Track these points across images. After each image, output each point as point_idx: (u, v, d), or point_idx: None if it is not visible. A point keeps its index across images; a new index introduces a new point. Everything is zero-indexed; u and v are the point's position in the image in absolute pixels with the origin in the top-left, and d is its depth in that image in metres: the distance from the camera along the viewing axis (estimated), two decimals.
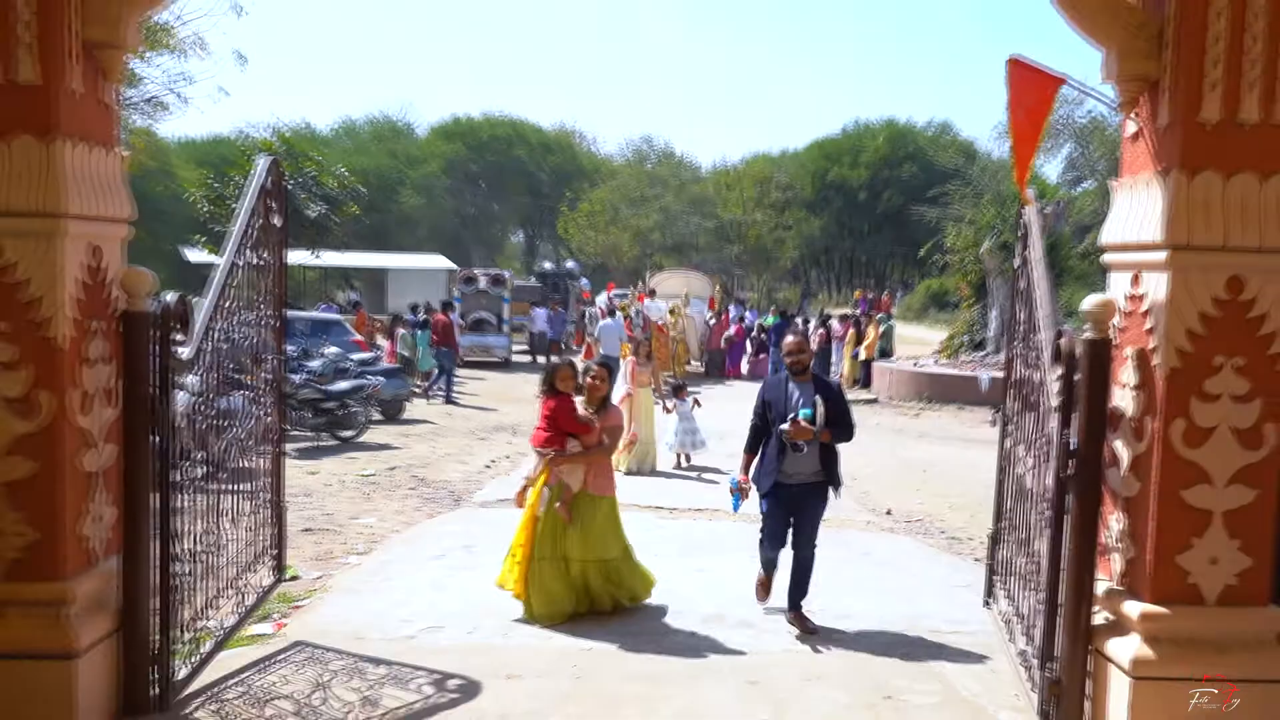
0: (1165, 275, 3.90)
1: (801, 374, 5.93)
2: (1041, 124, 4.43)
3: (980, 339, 21.57)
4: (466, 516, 8.83)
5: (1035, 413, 4.64)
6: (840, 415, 5.83)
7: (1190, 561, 3.94)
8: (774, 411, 5.86)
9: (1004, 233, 19.56)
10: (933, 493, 10.50)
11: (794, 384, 5.92)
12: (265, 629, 5.63)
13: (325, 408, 12.50)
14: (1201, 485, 3.91)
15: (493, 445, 12.99)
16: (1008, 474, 5.49)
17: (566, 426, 5.96)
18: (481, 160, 55.93)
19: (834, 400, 5.86)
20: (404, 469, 11.04)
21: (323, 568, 7.08)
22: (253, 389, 5.41)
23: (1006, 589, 5.30)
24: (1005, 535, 5.47)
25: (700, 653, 5.47)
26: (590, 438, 5.99)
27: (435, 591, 6.42)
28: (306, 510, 8.75)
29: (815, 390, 5.86)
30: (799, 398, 5.83)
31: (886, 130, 59.04)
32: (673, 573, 6.95)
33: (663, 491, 10.08)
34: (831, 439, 5.81)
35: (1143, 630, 3.95)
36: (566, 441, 5.95)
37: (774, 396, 5.91)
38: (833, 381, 6.26)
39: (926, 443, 14.16)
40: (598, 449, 6.02)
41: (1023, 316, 5.15)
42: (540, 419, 6.10)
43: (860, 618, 6.10)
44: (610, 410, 6.20)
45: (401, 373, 15.84)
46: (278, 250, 5.50)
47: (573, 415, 5.99)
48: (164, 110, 18.99)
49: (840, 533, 8.10)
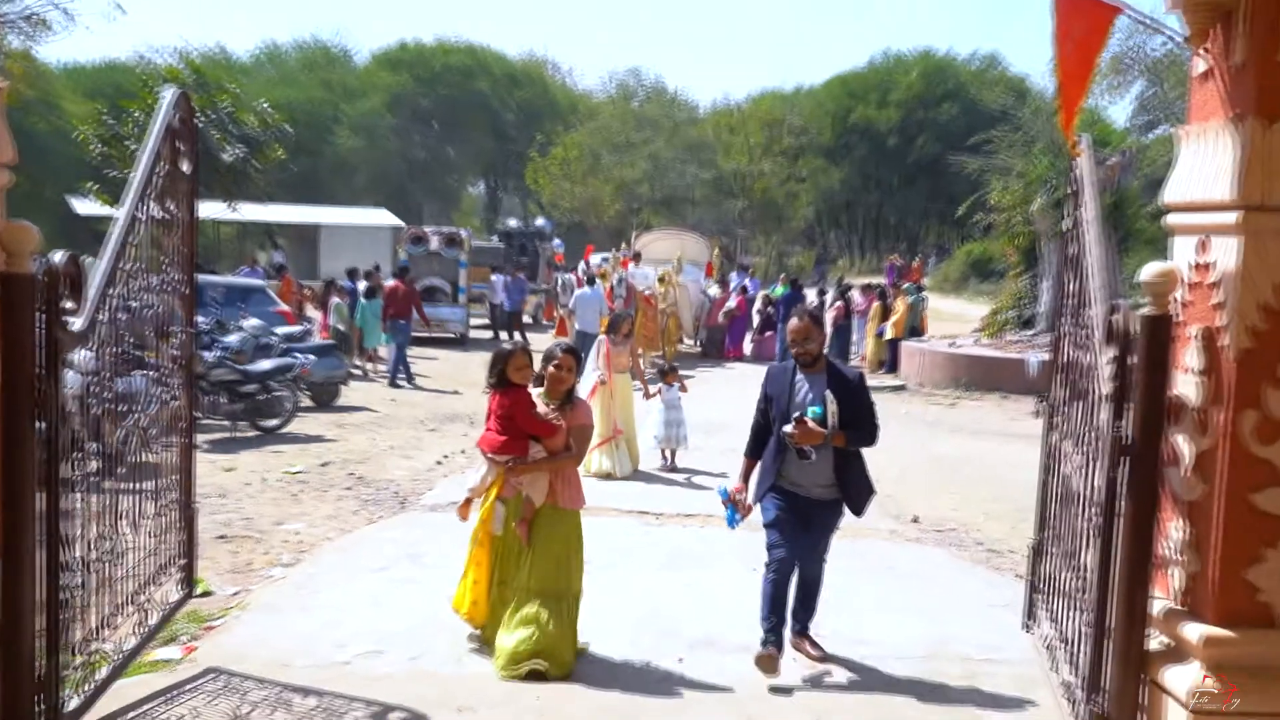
0: (1236, 240, 3.98)
1: (811, 365, 5.75)
2: (1094, 59, 4.50)
3: (1029, 315, 21.77)
4: (413, 521, 8.89)
5: (1085, 402, 4.73)
6: (859, 414, 5.62)
7: (1261, 577, 4.04)
8: (775, 408, 5.71)
9: (1059, 188, 19.67)
10: (968, 496, 10.64)
11: (802, 374, 5.75)
12: (172, 653, 5.68)
13: (244, 391, 12.53)
14: (1275, 488, 4.00)
15: (445, 438, 13.06)
16: (1053, 474, 5.59)
17: (527, 427, 5.74)
18: (433, 95, 55.64)
19: (852, 395, 5.64)
20: (339, 465, 11.10)
21: (240, 581, 7.14)
22: (157, 368, 5.44)
23: (1050, 609, 5.42)
24: (1049, 546, 5.59)
25: (686, 685, 5.55)
26: (556, 441, 5.76)
27: (375, 609, 6.47)
28: (221, 513, 8.79)
29: (829, 382, 5.66)
30: (807, 391, 5.65)
31: (921, 64, 59.10)
32: (657, 588, 7.06)
33: (647, 494, 10.19)
34: (847, 443, 5.60)
35: (1205, 657, 4.05)
36: (528, 445, 5.76)
37: (776, 389, 5.76)
38: (852, 371, 5.98)
39: (962, 437, 14.31)
40: (566, 456, 5.79)
41: (1073, 288, 5.23)
42: (490, 418, 5.88)
43: (879, 643, 6.20)
44: (577, 406, 5.95)
45: (336, 350, 15.88)
46: (187, 202, 5.51)
47: (533, 413, 5.77)
48: (45, 30, 18.85)
49: (857, 543, 8.22)
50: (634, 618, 6.43)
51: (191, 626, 6.11)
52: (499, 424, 5.80)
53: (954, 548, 8.78)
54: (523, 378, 5.82)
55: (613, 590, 6.70)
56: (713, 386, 17.58)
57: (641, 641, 6.13)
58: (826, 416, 5.55)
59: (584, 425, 5.94)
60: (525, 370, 5.83)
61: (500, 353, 5.92)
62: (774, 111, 53.40)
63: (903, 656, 6.02)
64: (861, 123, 59.45)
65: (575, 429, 5.85)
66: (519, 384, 5.81)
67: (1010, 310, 22.41)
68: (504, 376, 5.80)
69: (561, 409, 5.83)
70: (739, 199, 49.50)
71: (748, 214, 50.42)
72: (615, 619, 6.31)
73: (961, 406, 17.30)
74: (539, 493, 5.74)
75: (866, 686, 5.64)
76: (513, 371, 5.79)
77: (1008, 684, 5.63)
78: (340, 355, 16.09)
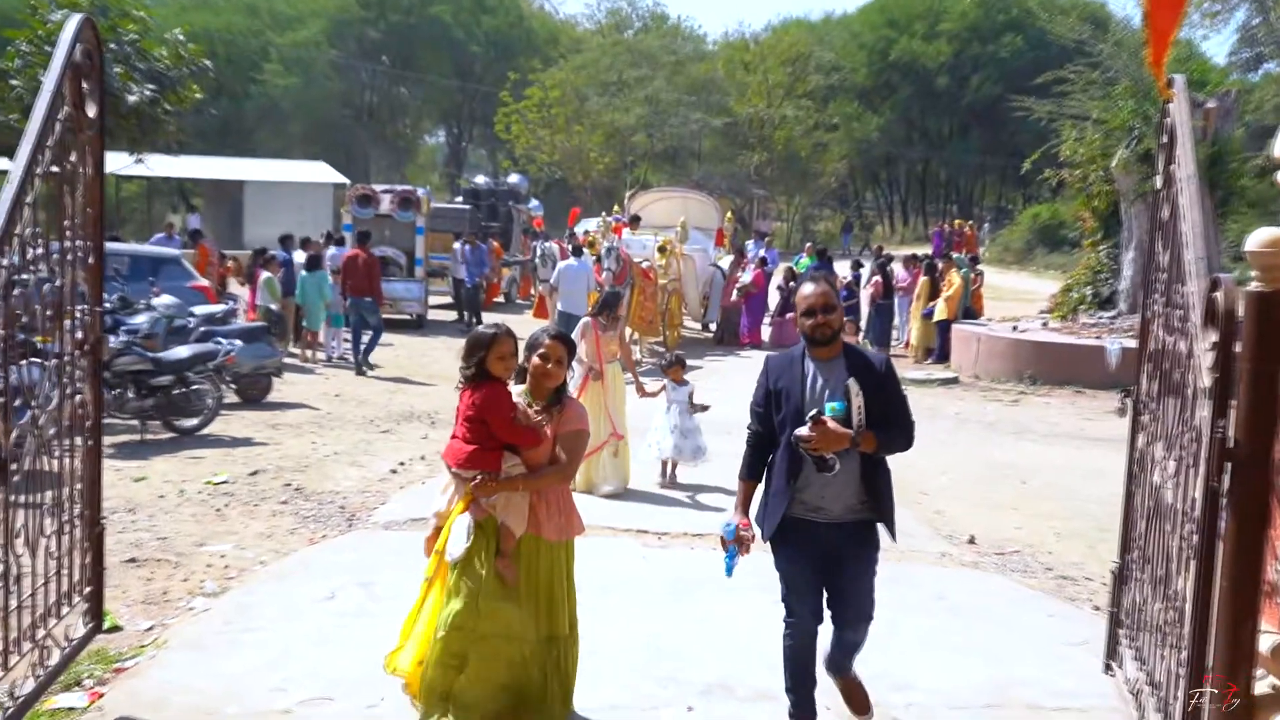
0: None
1: (826, 345, 5.42)
2: None
3: (1108, 293, 21.85)
4: (363, 542, 8.93)
5: (1179, 397, 4.78)
6: (891, 409, 5.36)
7: None
8: (785, 407, 5.39)
9: (1146, 138, 19.73)
10: (1035, 513, 10.71)
11: (814, 362, 5.43)
12: (76, 700, 5.71)
13: (156, 384, 12.57)
14: None
15: (401, 441, 13.12)
16: (1140, 484, 5.64)
17: (503, 434, 5.48)
18: (384, 23, 55.64)
19: (880, 386, 5.36)
20: (272, 474, 11.15)
21: (156, 614, 7.18)
22: (56, 356, 5.46)
23: (1136, 647, 5.47)
24: (1135, 571, 5.64)
25: None
26: (538, 453, 5.52)
27: (320, 648, 6.51)
28: (131, 532, 8.83)
29: (849, 370, 5.36)
30: (823, 384, 5.35)
31: None
32: (661, 623, 7.12)
33: (646, 510, 10.25)
34: (878, 449, 5.32)
35: None
36: (501, 458, 5.51)
37: (785, 384, 5.43)
38: (876, 356, 5.69)
39: (1027, 441, 14.40)
40: (551, 471, 5.55)
41: (1165, 259, 5.27)
42: (459, 421, 5.61)
43: (931, 690, 6.26)
44: (568, 407, 5.67)
45: (267, 334, 15.91)
46: (92, 152, 5.53)
47: (511, 416, 5.50)
48: None
49: (902, 567, 8.28)
50: (634, 658, 6.48)
51: (98, 668, 6.17)
52: (468, 429, 5.52)
53: (1018, 574, 8.84)
54: (505, 369, 5.57)
55: (608, 625, 6.74)
56: (724, 379, 17.62)
57: (642, 687, 6.18)
58: (852, 413, 5.23)
59: (576, 432, 5.65)
60: (510, 361, 5.58)
61: (480, 337, 5.60)
62: (798, 45, 53.36)
63: (959, 705, 6.08)
64: (905, 59, 59.52)
65: (565, 436, 5.58)
66: (498, 378, 5.57)
67: (1085, 287, 22.49)
68: (483, 368, 5.52)
69: (548, 410, 5.57)
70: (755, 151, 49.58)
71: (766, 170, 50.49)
72: (610, 660, 6.35)
73: (1026, 403, 17.38)
74: (517, 518, 5.46)
75: None
76: (494, 362, 5.52)
77: None
78: (272, 340, 16.13)
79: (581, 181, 47.94)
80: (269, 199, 32.99)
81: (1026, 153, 25.90)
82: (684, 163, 49.99)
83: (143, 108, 22.36)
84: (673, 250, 22.39)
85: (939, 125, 63.45)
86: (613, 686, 6.08)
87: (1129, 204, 20.70)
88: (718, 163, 49.97)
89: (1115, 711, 5.80)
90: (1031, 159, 24.13)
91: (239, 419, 13.83)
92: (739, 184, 49.15)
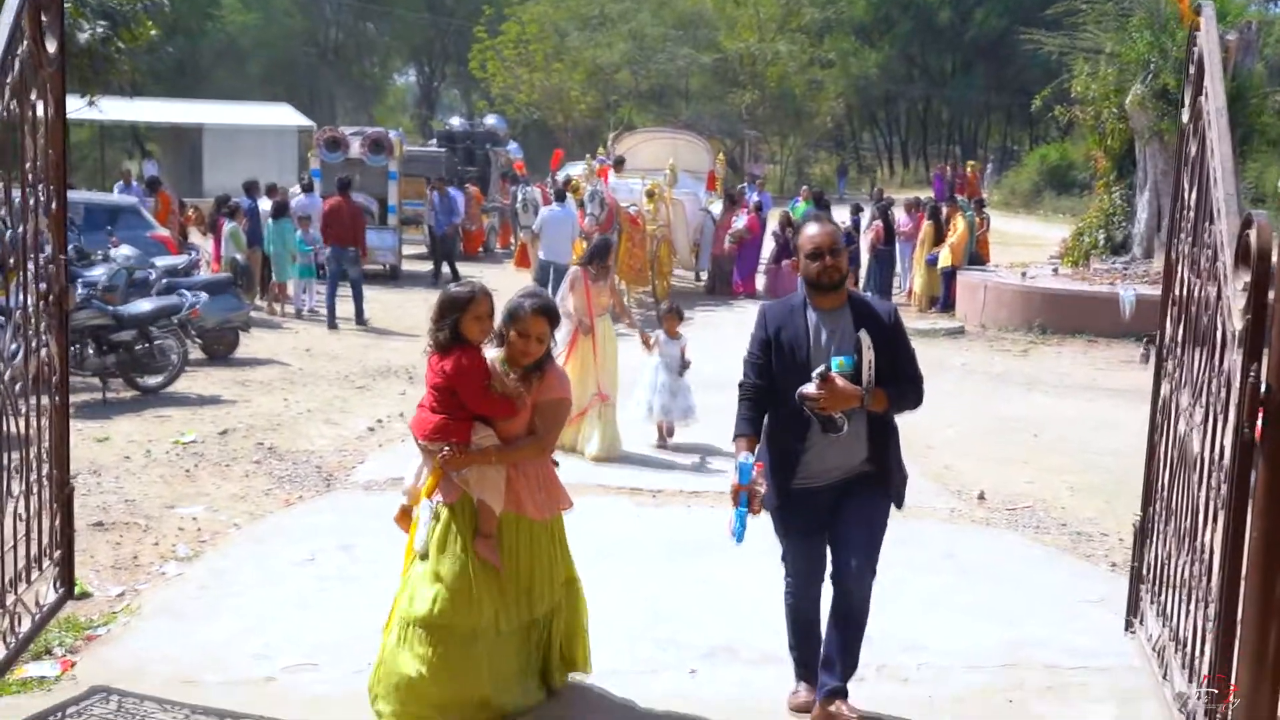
0: None
1: (831, 293, 5.27)
2: None
3: (1123, 237, 21.89)
4: (344, 503, 8.98)
5: (1208, 343, 4.81)
6: (901, 364, 5.26)
7: None
8: (786, 362, 5.25)
9: (1163, 73, 19.71)
10: (1047, 467, 10.80)
11: (817, 312, 5.29)
12: (46, 669, 5.75)
13: (117, 340, 12.53)
14: None
15: (377, 397, 13.14)
16: (1164, 434, 5.69)
17: (475, 404, 5.30)
18: None
19: (889, 339, 5.23)
20: (243, 433, 11.16)
21: (126, 580, 7.22)
22: (18, 309, 5.45)
23: (1159, 604, 5.55)
24: (1158, 525, 5.70)
25: (700, 702, 5.66)
26: (515, 424, 5.36)
27: (302, 613, 6.57)
28: (96, 495, 8.85)
29: (856, 322, 5.23)
30: (828, 336, 5.22)
31: None
32: (661, 585, 7.18)
33: (637, 469, 10.31)
34: (888, 408, 5.22)
35: None
36: (471, 428, 5.31)
37: (785, 336, 5.27)
38: (883, 305, 5.56)
39: (1038, 393, 14.49)
40: (528, 444, 5.40)
41: (1192, 198, 5.30)
42: (428, 389, 5.44)
43: (943, 650, 6.33)
44: (549, 374, 5.43)
45: (233, 286, 15.87)
46: (53, 92, 5.49)
47: (485, 385, 5.31)
48: None
49: (909, 525, 8.32)
50: (632, 622, 6.54)
51: (68, 636, 6.19)
52: (436, 398, 5.34)
53: (1030, 530, 8.93)
54: (481, 332, 5.35)
55: (603, 588, 6.76)
56: (718, 331, 17.62)
57: (642, 651, 6.26)
58: (861, 369, 5.09)
59: (555, 400, 5.46)
60: (486, 323, 5.36)
61: (455, 298, 5.35)
62: None
63: (974, 666, 6.16)
64: None
65: (544, 405, 5.40)
66: (472, 342, 5.35)
67: (1098, 231, 22.52)
68: (457, 331, 5.30)
69: (527, 378, 5.34)
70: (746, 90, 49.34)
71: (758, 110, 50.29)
72: (608, 624, 6.37)
73: (1036, 354, 17.47)
74: (493, 494, 5.28)
75: (929, 703, 5.76)
76: (469, 324, 5.30)
77: (1107, 697, 5.78)
78: (239, 293, 16.10)
79: (562, 123, 47.72)
80: (229, 144, 32.77)
81: (1033, 91, 25.92)
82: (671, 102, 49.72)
83: (94, 46, 22.14)
84: (661, 195, 22.30)
85: (941, 62, 63.18)
86: (611, 650, 6.12)
87: (1144, 143, 20.70)
88: (706, 102, 49.70)
89: (1137, 670, 5.88)
90: (1041, 95, 24.14)
91: (205, 376, 13.81)
92: (729, 125, 48.98)
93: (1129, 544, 7.88)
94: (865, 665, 5.68)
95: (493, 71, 48.59)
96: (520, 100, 47.48)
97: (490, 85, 50.34)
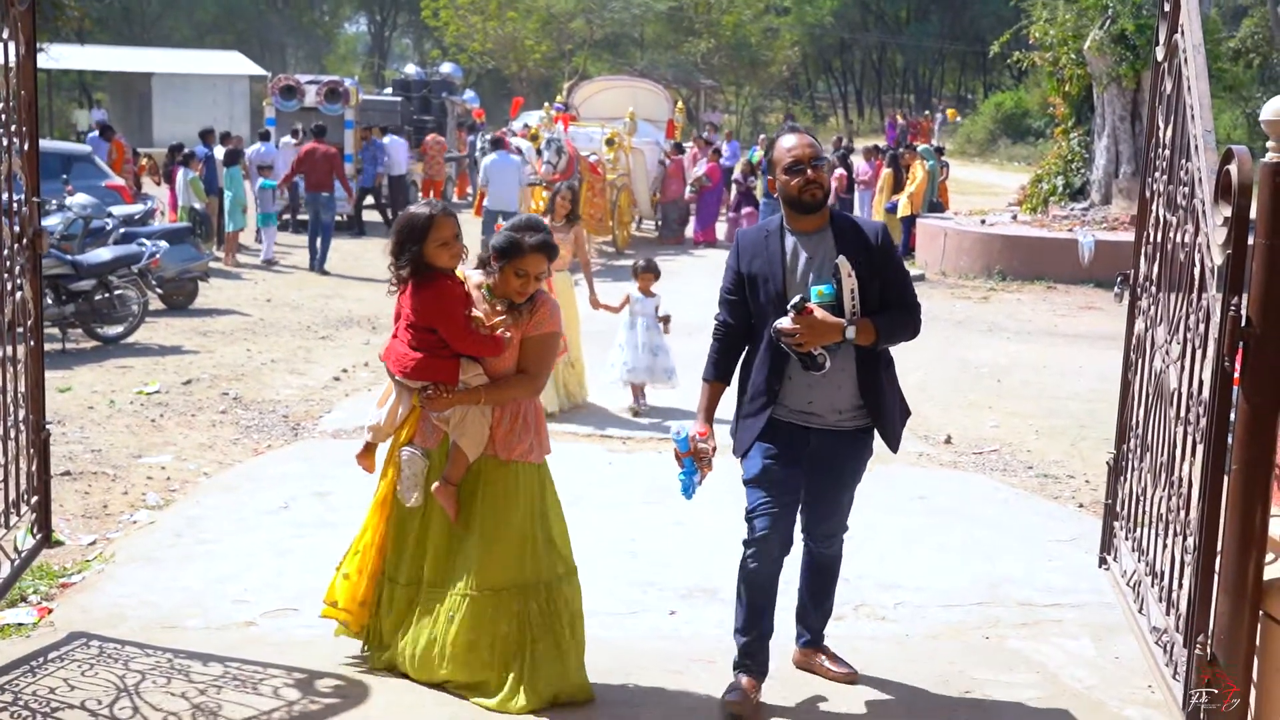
0: None
1: (812, 214, 4.76)
2: None
3: (1081, 183, 22.03)
4: (312, 451, 9.00)
5: (1185, 279, 4.87)
6: (891, 290, 4.80)
7: None
8: (761, 294, 4.78)
9: (1122, 18, 19.78)
10: (1011, 411, 10.93)
11: (795, 235, 4.80)
12: (24, 615, 5.75)
13: (75, 289, 12.44)
14: None
15: (341, 347, 13.12)
16: (1138, 371, 5.77)
17: (458, 341, 4.85)
18: None
19: (877, 262, 4.75)
20: (207, 383, 11.13)
21: (97, 528, 7.23)
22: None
23: (1133, 539, 5.64)
24: (1132, 461, 5.79)
25: (680, 642, 5.75)
26: (503, 363, 4.92)
27: (280, 559, 6.60)
28: (62, 444, 8.79)
29: (839, 246, 4.73)
30: (806, 262, 4.77)
31: None
32: (638, 529, 7.24)
33: (608, 418, 10.30)
34: (877, 340, 4.73)
35: None
36: (459, 366, 4.90)
37: (760, 265, 4.80)
38: (870, 225, 5.02)
39: (1000, 339, 14.62)
40: (518, 382, 4.95)
41: (1168, 135, 5.34)
42: (397, 323, 5.03)
43: (917, 589, 6.45)
44: (540, 306, 4.97)
45: (191, 234, 15.74)
46: (24, 31, 5.41)
47: (466, 320, 4.87)
48: None
49: (879, 468, 8.35)
50: (610, 564, 6.57)
51: (42, 584, 6.19)
52: (414, 335, 4.90)
53: (998, 473, 9.04)
54: (451, 257, 4.90)
55: (580, 531, 6.73)
56: (679, 279, 17.59)
57: (621, 592, 6.31)
58: (844, 298, 4.62)
59: (547, 335, 5.00)
60: (455, 246, 4.88)
61: (413, 221, 4.86)
62: None
63: (949, 604, 6.27)
64: None
65: (533, 340, 4.95)
66: (444, 269, 4.91)
67: (1057, 177, 22.67)
68: (421, 260, 4.84)
69: (514, 310, 4.91)
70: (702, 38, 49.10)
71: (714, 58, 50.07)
72: (587, 566, 6.35)
73: (997, 300, 17.60)
74: (474, 440, 4.87)
75: (907, 640, 5.86)
76: (435, 250, 4.83)
77: (1082, 632, 5.91)
78: (197, 242, 15.98)
79: (516, 72, 47.38)
80: (179, 92, 32.33)
81: (988, 39, 25.92)
82: (626, 51, 49.43)
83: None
84: (621, 143, 22.24)
85: (895, 8, 63.10)
86: (590, 592, 6.06)
87: (1102, 88, 20.82)
88: (662, 51, 49.45)
89: (1111, 606, 5.99)
90: (1001, 41, 24.15)
91: (166, 326, 13.71)
92: (685, 73, 48.72)
93: (1096, 485, 8.06)
94: (843, 604, 5.80)
95: (445, 19, 48.08)
96: (473, 49, 47.03)
97: (443, 33, 49.86)
